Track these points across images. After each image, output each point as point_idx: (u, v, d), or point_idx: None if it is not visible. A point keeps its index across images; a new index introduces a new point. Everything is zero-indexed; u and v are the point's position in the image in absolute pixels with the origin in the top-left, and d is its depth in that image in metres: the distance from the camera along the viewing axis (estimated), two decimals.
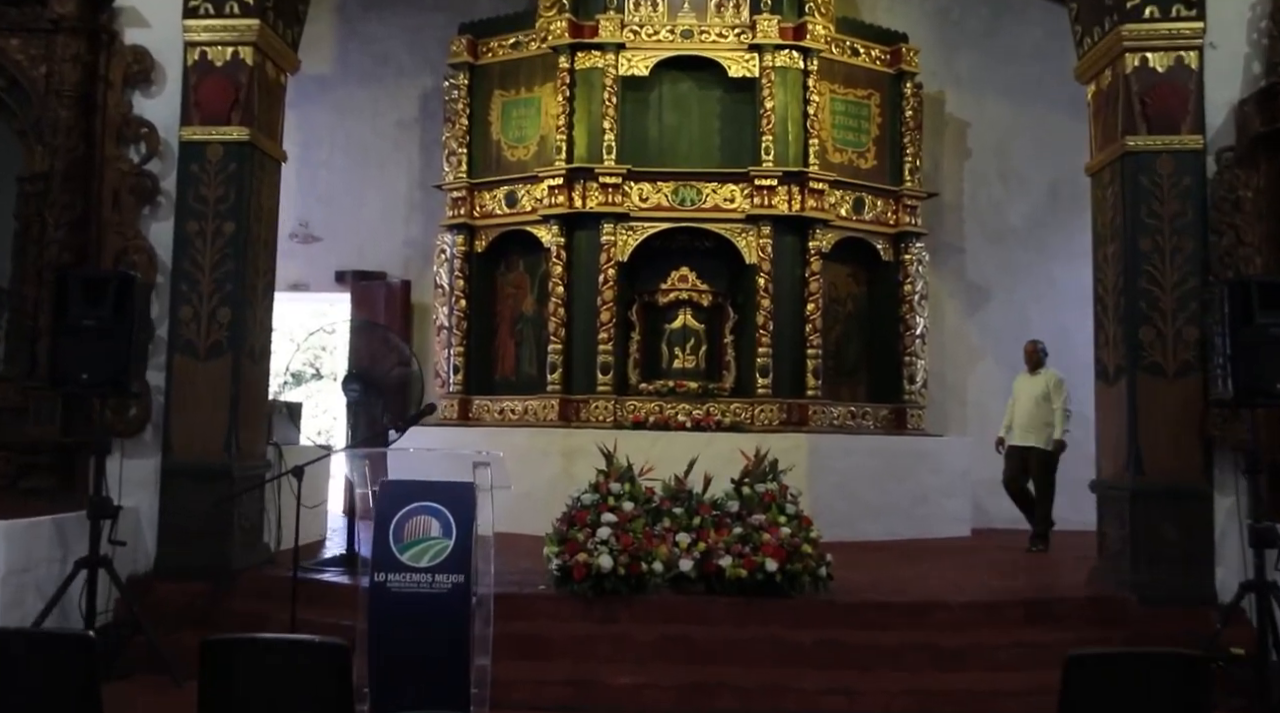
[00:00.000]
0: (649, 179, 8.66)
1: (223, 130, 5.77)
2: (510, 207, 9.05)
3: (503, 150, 9.18)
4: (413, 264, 10.09)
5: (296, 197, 10.10)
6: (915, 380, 9.15)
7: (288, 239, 9.94)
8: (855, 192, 9.03)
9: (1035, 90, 10.00)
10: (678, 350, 8.74)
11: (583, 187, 8.67)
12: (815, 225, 8.69)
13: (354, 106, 10.34)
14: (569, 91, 8.76)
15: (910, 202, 9.22)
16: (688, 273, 8.71)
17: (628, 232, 8.65)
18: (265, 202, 6.08)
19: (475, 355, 9.20)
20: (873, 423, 9.02)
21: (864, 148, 9.18)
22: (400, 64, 10.35)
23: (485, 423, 8.97)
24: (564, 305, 8.67)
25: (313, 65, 10.10)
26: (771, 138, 8.61)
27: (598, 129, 8.66)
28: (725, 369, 8.78)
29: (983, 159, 10.15)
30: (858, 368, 9.33)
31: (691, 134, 8.91)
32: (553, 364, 8.63)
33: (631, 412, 8.44)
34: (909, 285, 9.17)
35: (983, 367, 10.01)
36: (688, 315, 8.76)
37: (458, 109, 9.25)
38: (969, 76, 10.17)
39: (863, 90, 9.21)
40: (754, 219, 8.58)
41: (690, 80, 8.95)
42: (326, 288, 10.11)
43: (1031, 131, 10.05)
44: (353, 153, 10.30)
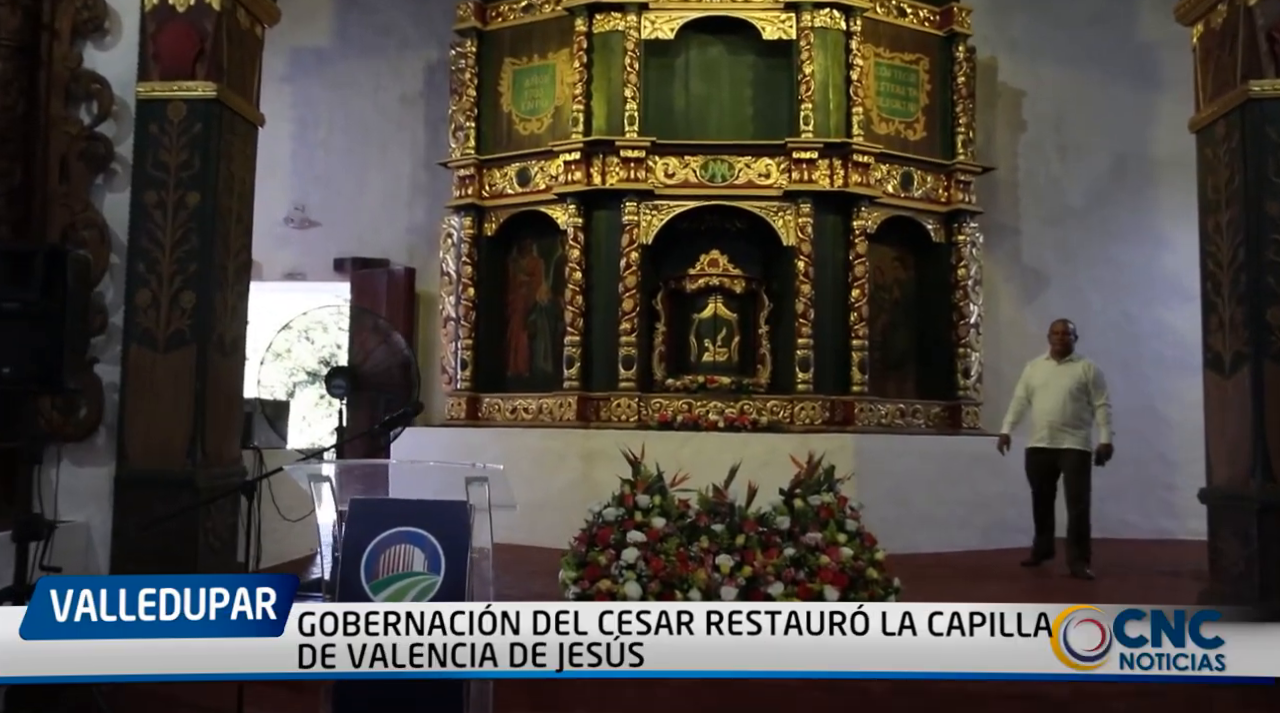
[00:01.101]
0: (675, 153, 7.82)
1: (186, 86, 4.97)
2: (522, 185, 8.23)
3: (514, 124, 8.37)
4: (417, 251, 9.29)
5: (292, 179, 9.38)
6: (970, 374, 8.28)
7: (282, 224, 9.23)
8: (903, 165, 8.16)
9: (1096, 57, 9.12)
10: (708, 342, 7.91)
11: (602, 161, 7.85)
12: (860, 202, 7.83)
13: (354, 81, 9.55)
14: (586, 57, 7.95)
15: (963, 177, 8.34)
16: (718, 256, 7.88)
17: (652, 211, 7.82)
18: (238, 170, 5.27)
19: (485, 349, 8.39)
20: (924, 422, 8.16)
21: (912, 117, 8.31)
22: (404, 35, 9.55)
23: (496, 423, 8.17)
24: (582, 293, 7.85)
25: (309, 37, 9.37)
26: (811, 106, 7.76)
27: (618, 98, 7.84)
28: (760, 363, 7.94)
29: (1039, 132, 9.26)
30: (906, 361, 8.46)
31: (722, 103, 8.07)
32: (570, 358, 7.81)
33: (657, 410, 7.61)
34: (962, 269, 8.30)
35: None
36: (718, 304, 7.92)
37: (465, 79, 8.44)
38: (1024, 42, 9.27)
39: (910, 54, 8.34)
40: (792, 196, 7.73)
41: (720, 44, 8.11)
42: (324, 277, 9.32)
43: (1092, 102, 9.15)
44: (353, 131, 9.51)
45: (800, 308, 7.66)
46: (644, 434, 7.15)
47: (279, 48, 9.24)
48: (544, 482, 7.33)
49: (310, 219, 9.39)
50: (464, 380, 8.30)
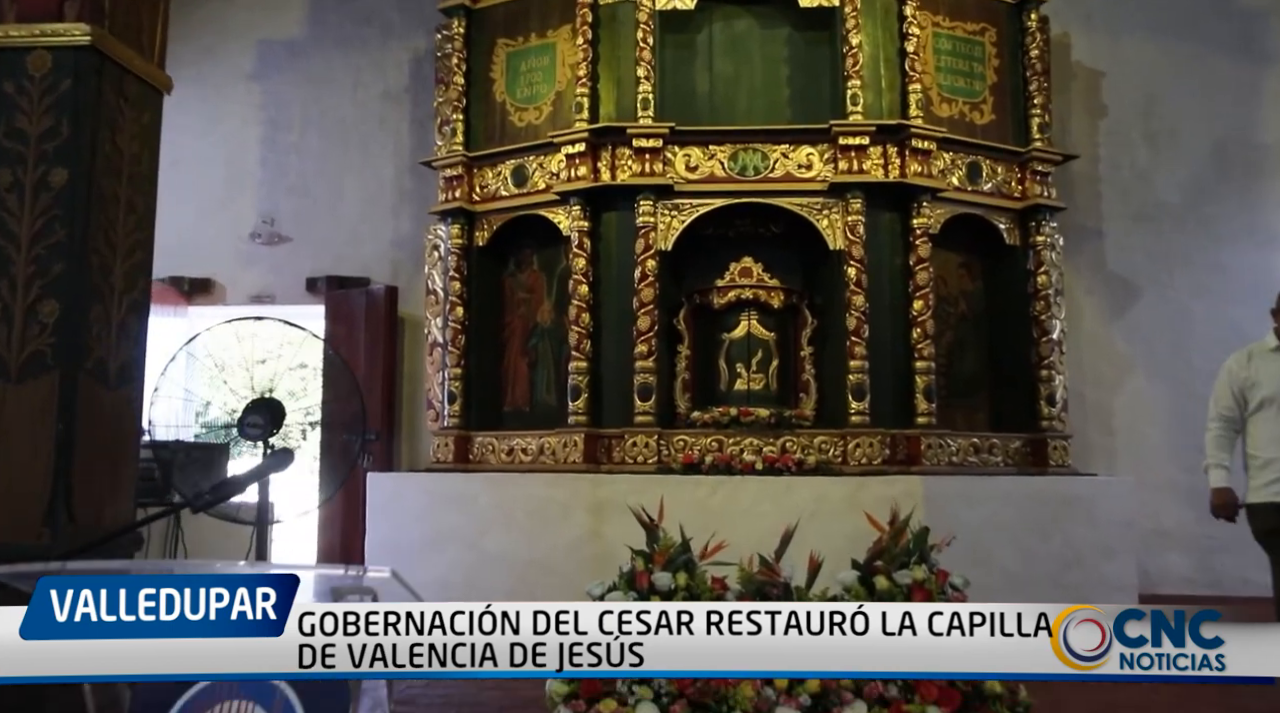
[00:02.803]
0: (698, 141, 6.57)
1: (51, 29, 3.77)
2: (518, 185, 7.00)
3: (509, 114, 7.15)
4: (403, 267, 8.07)
5: (260, 188, 8.23)
6: (1055, 401, 6.91)
7: (249, 240, 8.02)
8: (970, 153, 6.86)
9: (1189, 28, 7.86)
10: (740, 367, 6.61)
11: (611, 154, 6.61)
12: (920, 196, 6.53)
13: (330, 77, 8.40)
14: (592, 33, 6.73)
15: (1041, 167, 7.03)
16: (751, 265, 6.60)
17: (671, 211, 6.55)
18: (129, 145, 4.04)
19: (477, 380, 7.12)
20: (1002, 459, 6.78)
21: (978, 97, 7.02)
22: (387, 23, 8.41)
23: (489, 466, 6.88)
24: (588, 310, 6.58)
25: (279, 28, 8.26)
26: (859, 83, 6.49)
27: (630, 79, 6.61)
28: (804, 391, 6.63)
29: (1123, 117, 7.95)
30: (976, 387, 7.11)
31: (752, 84, 6.82)
32: (575, 389, 6.52)
33: (681, 450, 6.30)
34: (1043, 276, 6.95)
35: (1133, 383, 7.75)
36: (752, 321, 6.63)
37: (452, 65, 7.25)
38: (1101, 15, 8.00)
39: (974, 24, 7.07)
40: (839, 190, 6.45)
41: (749, 16, 6.89)
42: (296, 299, 8.11)
43: (1186, 80, 7.87)
44: (329, 133, 8.35)
45: (852, 324, 6.35)
46: (665, 480, 5.91)
47: (245, 41, 8.18)
48: (545, 538, 6.05)
49: (280, 234, 8.20)
50: (452, 416, 7.02)
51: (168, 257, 8.13)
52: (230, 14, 8.46)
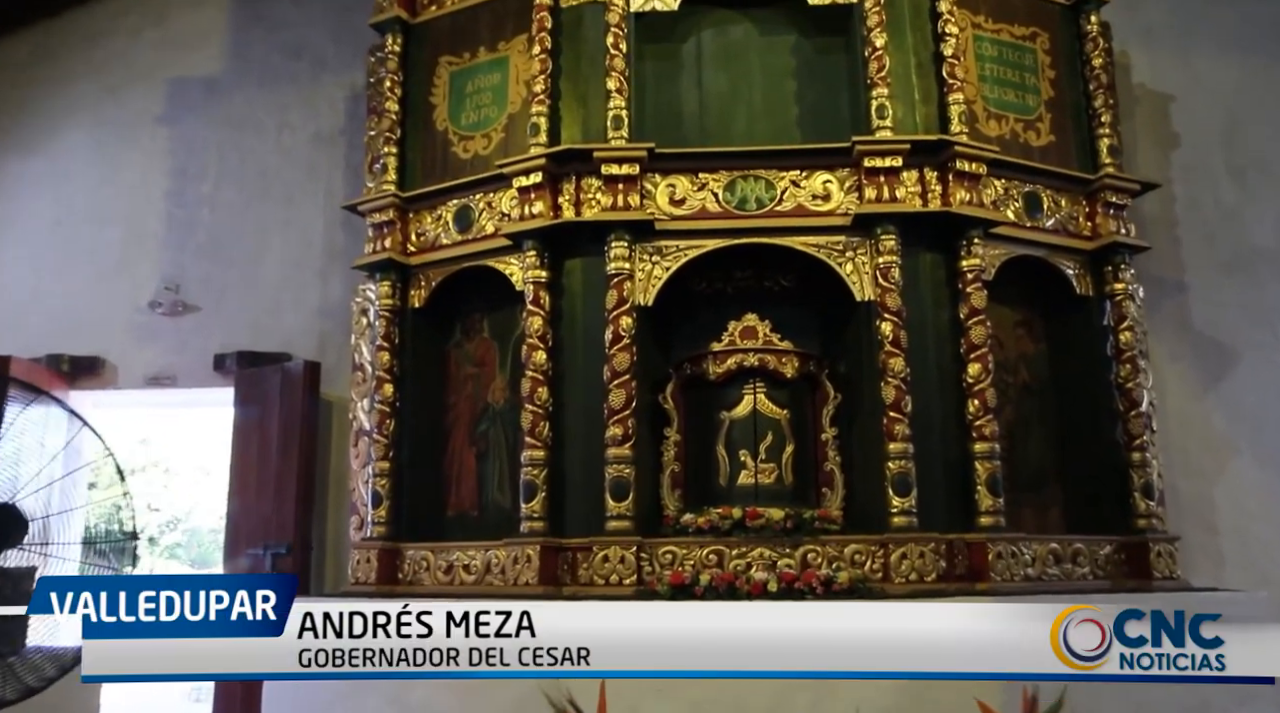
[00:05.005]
0: (684, 167, 5.19)
1: None
2: (462, 230, 5.60)
3: (451, 145, 5.80)
4: (330, 340, 6.61)
5: (164, 249, 6.90)
6: (1153, 493, 5.36)
7: (147, 311, 6.61)
8: (1027, 180, 5.47)
9: (1273, 41, 6.55)
10: (745, 455, 5.10)
11: (575, 185, 5.23)
12: (970, 231, 5.12)
13: (253, 118, 7.09)
14: (552, 41, 5.43)
15: (1115, 198, 5.63)
16: (756, 323, 5.16)
17: (652, 256, 5.14)
18: None
19: (411, 476, 5.60)
20: (1090, 569, 5.18)
21: (1032, 114, 5.66)
22: (320, 56, 7.14)
23: (423, 589, 5.30)
24: (546, 384, 5.10)
25: (195, 65, 7.02)
26: (886, 92, 5.14)
27: (598, 95, 5.28)
28: (828, 485, 5.11)
29: (1200, 147, 6.59)
30: (1046, 477, 5.57)
31: (752, 101, 5.48)
32: (529, 486, 5.00)
33: (668, 566, 4.75)
34: (1125, 332, 5.48)
35: (1237, 469, 6.20)
36: (759, 395, 5.15)
37: (385, 90, 5.93)
38: (1165, 30, 6.71)
39: (1023, 28, 5.76)
40: (866, 225, 5.04)
41: (746, 20, 5.59)
42: (201, 380, 6.66)
43: (1275, 103, 6.54)
44: (249, 183, 7.00)
45: (889, 395, 4.86)
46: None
47: (153, 80, 6.92)
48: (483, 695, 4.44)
49: (185, 302, 6.78)
50: (377, 523, 5.48)
51: (47, 331, 6.72)
52: (137, 51, 7.22)
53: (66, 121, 7.17)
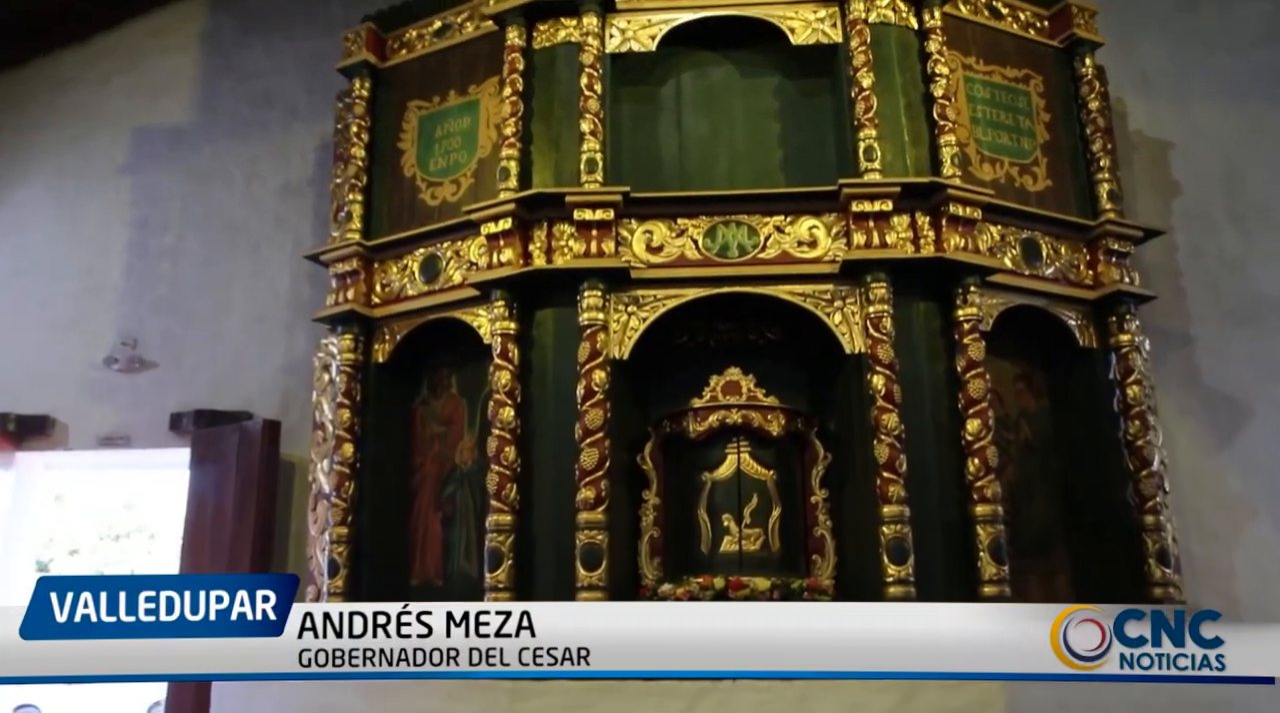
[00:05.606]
0: (662, 213, 4.92)
1: None
2: (429, 280, 5.30)
3: (419, 192, 5.53)
4: (294, 398, 6.27)
5: (123, 303, 6.57)
6: (1168, 559, 4.99)
7: (102, 367, 6.27)
8: (1024, 226, 5.19)
9: (1273, 87, 6.35)
10: (729, 520, 4.74)
11: (546, 231, 4.95)
12: (966, 278, 4.82)
13: (220, 169, 6.84)
14: (524, 83, 5.19)
15: (1117, 245, 5.35)
16: (739, 377, 4.83)
17: (628, 306, 4.83)
18: None
19: (372, 541, 5.23)
20: None
21: (1028, 158, 5.41)
22: (292, 105, 6.92)
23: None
24: (514, 443, 4.75)
25: (163, 114, 6.79)
26: (874, 133, 4.89)
27: (571, 137, 5.03)
28: (818, 552, 4.75)
29: (1201, 195, 6.34)
30: (1051, 542, 5.20)
31: (734, 144, 5.24)
32: (495, 553, 4.63)
33: None
34: (1133, 387, 5.16)
35: (1255, 533, 5.83)
36: (743, 455, 4.81)
37: (352, 135, 5.68)
38: (1161, 76, 6.52)
39: (1015, 70, 5.54)
40: (855, 272, 4.75)
41: (727, 63, 5.37)
42: (156, 440, 6.30)
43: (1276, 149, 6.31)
44: (213, 234, 6.72)
45: (883, 454, 4.51)
46: (620, 688, 4.01)
47: (118, 129, 6.66)
48: None
49: (143, 358, 6.45)
50: (334, 593, 5.08)
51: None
52: (104, 99, 7.00)
53: (26, 171, 6.91)
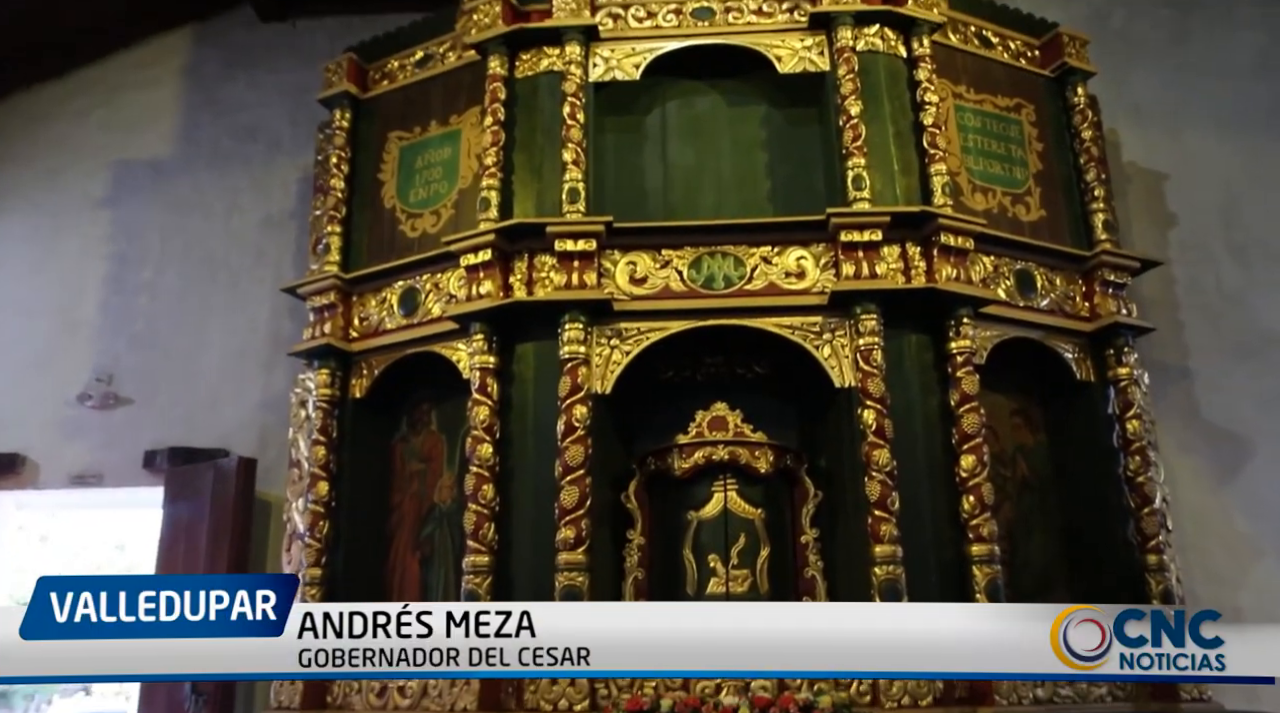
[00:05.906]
0: (646, 243, 4.79)
1: None
2: (408, 314, 5.16)
3: (399, 224, 5.41)
4: (272, 436, 6.09)
5: (98, 339, 6.43)
6: (1172, 599, 4.81)
7: (75, 404, 6.11)
8: (1018, 257, 5.07)
9: (1272, 117, 6.28)
10: (715, 560, 4.56)
11: (527, 263, 4.82)
12: (958, 310, 4.68)
13: (201, 201, 6.73)
14: (505, 112, 5.08)
15: (1113, 276, 5.22)
16: (726, 413, 4.68)
17: (610, 339, 4.69)
18: None
19: (346, 584, 5.02)
20: (1107, 690, 4.59)
21: (1020, 187, 5.30)
22: (275, 138, 6.82)
23: (353, 711, 4.68)
24: (492, 481, 4.58)
25: (143, 147, 6.71)
26: (863, 162, 4.78)
27: (553, 166, 4.91)
28: (809, 593, 4.55)
29: (1198, 227, 6.24)
30: (1051, 582, 5.01)
31: (720, 174, 5.13)
32: (472, 595, 4.43)
33: (626, 689, 4.16)
34: (1133, 421, 5.00)
35: (1261, 573, 5.65)
36: (730, 492, 4.64)
37: (332, 166, 5.57)
38: (1153, 106, 6.44)
39: (1006, 98, 5.45)
40: (844, 303, 4.61)
41: (713, 92, 5.28)
42: (129, 479, 6.12)
43: (1274, 181, 6.22)
44: (192, 267, 6.59)
45: (875, 492, 4.35)
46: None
47: (97, 163, 6.57)
48: None
49: (117, 395, 6.29)
50: None
51: None
52: (83, 133, 6.90)
53: (2, 206, 6.80)
